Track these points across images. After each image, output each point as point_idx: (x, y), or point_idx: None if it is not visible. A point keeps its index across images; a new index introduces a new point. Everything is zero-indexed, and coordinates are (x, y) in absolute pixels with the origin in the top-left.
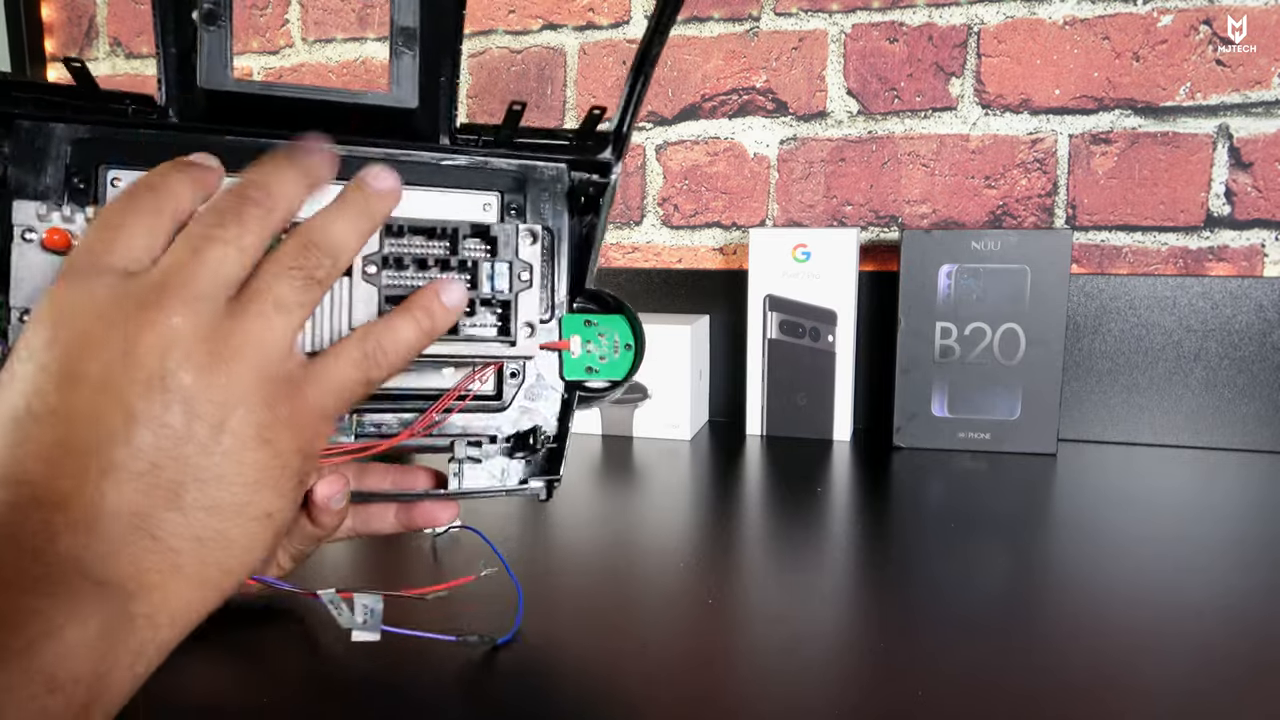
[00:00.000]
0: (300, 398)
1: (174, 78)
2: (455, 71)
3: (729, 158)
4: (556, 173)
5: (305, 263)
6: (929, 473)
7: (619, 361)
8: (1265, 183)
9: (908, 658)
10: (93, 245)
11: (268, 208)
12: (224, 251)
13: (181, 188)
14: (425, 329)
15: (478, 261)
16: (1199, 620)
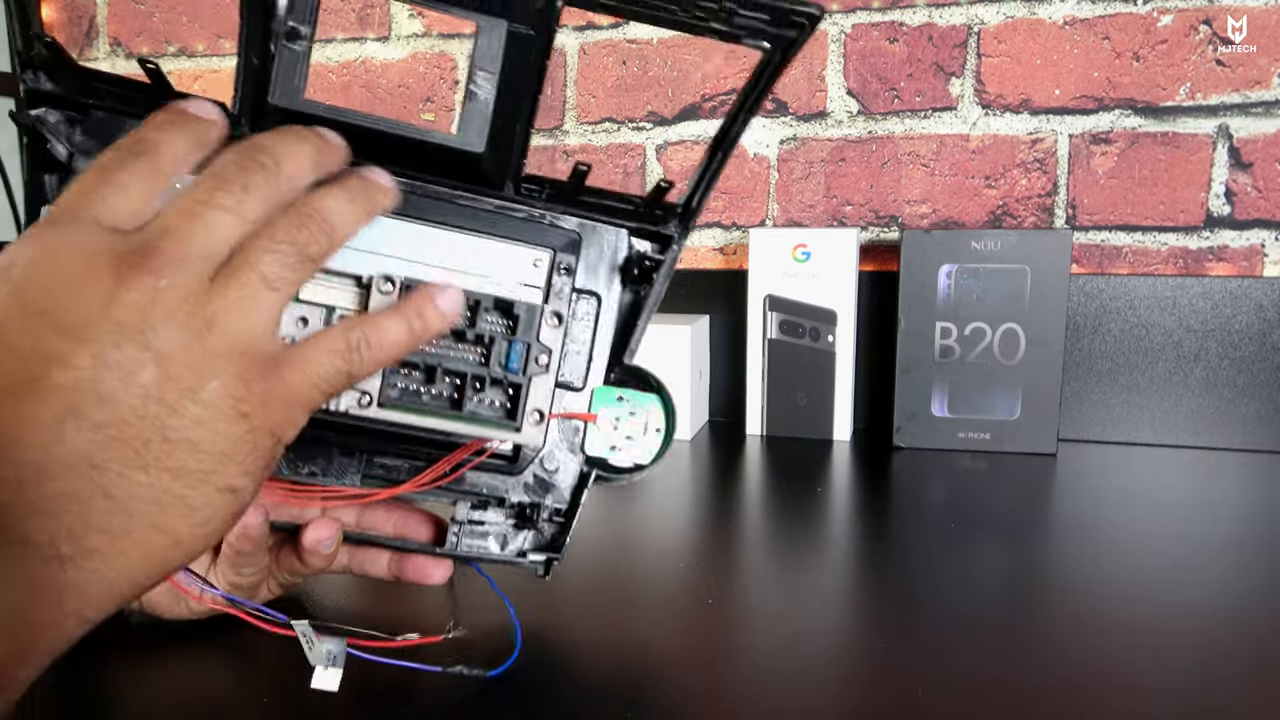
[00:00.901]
0: (278, 378)
1: (250, 89)
2: (530, 121)
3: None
4: (615, 238)
5: (299, 237)
6: (929, 473)
7: (645, 444)
8: (1265, 183)
9: (908, 657)
10: (81, 195)
11: (274, 176)
12: (221, 218)
13: (180, 144)
14: (415, 330)
15: (494, 337)
16: (1199, 620)
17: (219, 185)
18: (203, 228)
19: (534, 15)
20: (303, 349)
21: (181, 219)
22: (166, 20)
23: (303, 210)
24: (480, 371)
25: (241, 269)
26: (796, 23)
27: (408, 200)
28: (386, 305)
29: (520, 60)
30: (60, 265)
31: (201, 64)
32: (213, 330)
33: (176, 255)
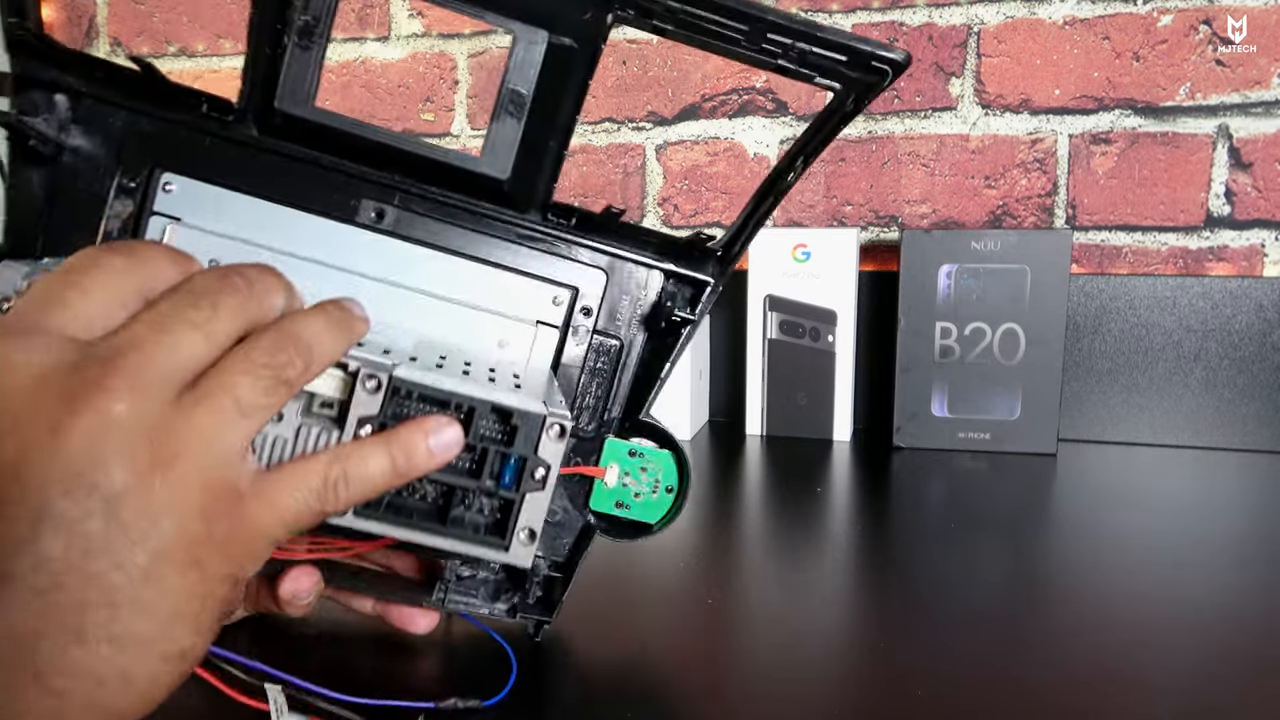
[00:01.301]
0: (241, 515)
1: (259, 84)
2: (565, 143)
3: (729, 158)
4: (646, 279)
5: (276, 360)
6: (929, 473)
7: (655, 504)
8: (1265, 183)
9: (908, 657)
10: (42, 300)
11: (246, 298)
12: (190, 336)
13: (161, 262)
14: (400, 469)
15: (488, 450)
16: (1199, 619)
17: (190, 301)
18: (170, 345)
19: (579, 26)
20: (274, 482)
21: (148, 332)
22: (166, 20)
23: (281, 332)
24: (470, 485)
25: (214, 392)
26: (877, 69)
27: (426, 224)
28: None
29: (559, 76)
30: (7, 388)
31: (201, 64)
32: (175, 463)
33: (139, 374)
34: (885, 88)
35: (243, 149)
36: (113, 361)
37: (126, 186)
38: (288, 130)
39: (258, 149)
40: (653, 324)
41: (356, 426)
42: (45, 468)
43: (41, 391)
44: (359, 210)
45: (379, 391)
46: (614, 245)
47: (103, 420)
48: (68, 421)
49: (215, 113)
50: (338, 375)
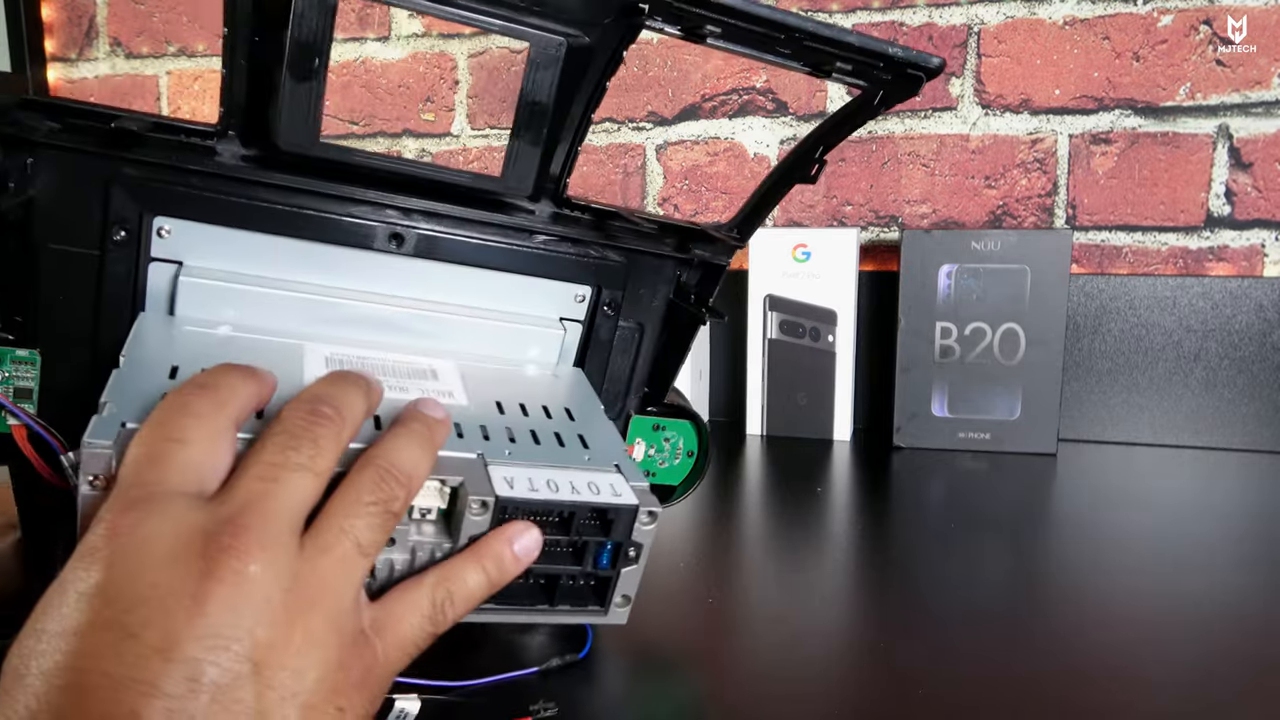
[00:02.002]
0: (372, 656)
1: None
2: (579, 141)
3: (729, 158)
4: (662, 267)
5: (382, 495)
6: (929, 473)
7: (678, 468)
8: (1265, 183)
9: (908, 657)
10: (147, 461)
11: (339, 426)
12: (299, 479)
13: (243, 387)
14: (493, 579)
15: (587, 543)
16: (1199, 619)
17: (290, 443)
18: (284, 493)
19: (600, 31)
20: (393, 615)
21: (261, 484)
22: (166, 20)
23: (380, 465)
24: (573, 571)
25: (335, 539)
26: (912, 75)
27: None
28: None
29: (576, 79)
30: (138, 571)
31: (202, 64)
32: (311, 616)
33: (264, 530)
34: (917, 92)
35: (239, 185)
36: (237, 521)
37: (117, 240)
38: (293, 166)
39: (257, 184)
40: (671, 309)
41: (468, 544)
42: (193, 638)
43: (178, 560)
44: (375, 237)
45: (486, 512)
46: (630, 237)
47: (240, 583)
48: (207, 589)
49: (196, 138)
50: (436, 486)
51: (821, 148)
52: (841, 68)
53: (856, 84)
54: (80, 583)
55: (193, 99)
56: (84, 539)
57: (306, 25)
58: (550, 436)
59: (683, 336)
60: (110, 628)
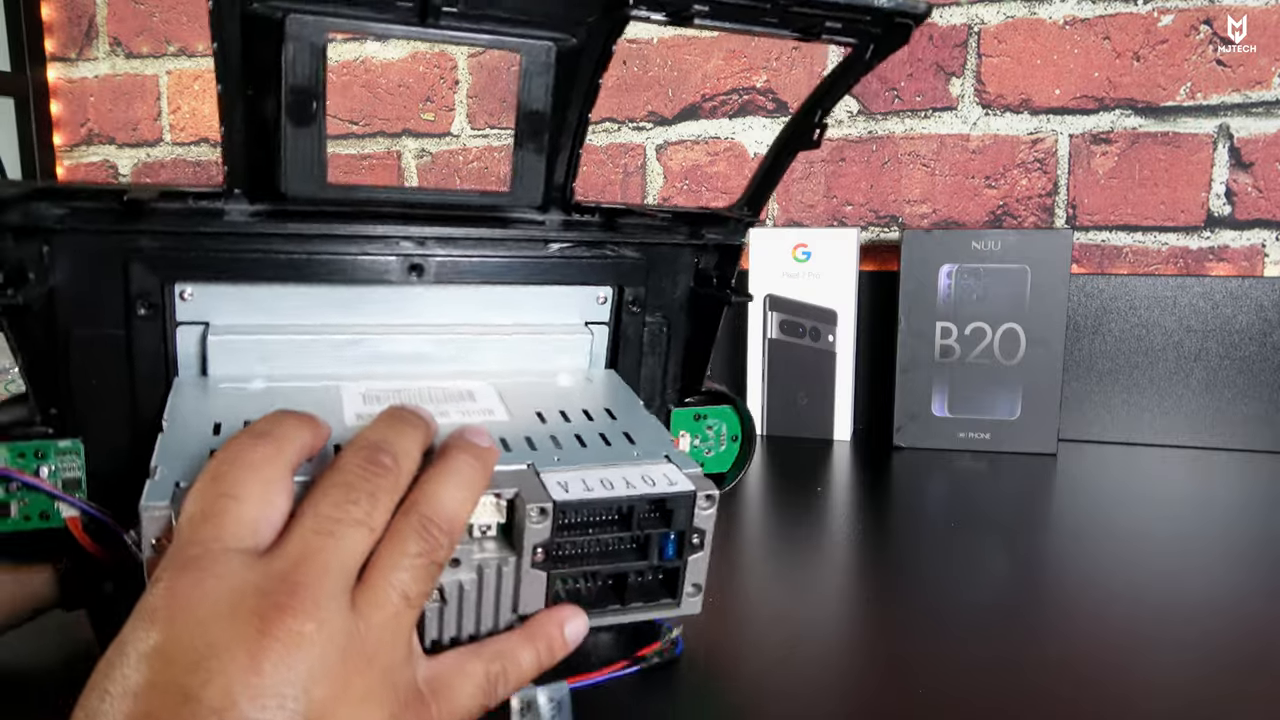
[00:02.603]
0: (428, 715)
1: (240, 168)
2: (579, 143)
3: (729, 158)
4: (679, 256)
5: (427, 546)
6: (929, 473)
7: (725, 454)
8: (1266, 183)
9: (908, 657)
10: (202, 518)
11: (396, 476)
12: (356, 535)
13: (297, 434)
14: (544, 661)
15: (650, 537)
16: (1199, 619)
17: (348, 496)
18: (340, 548)
19: (587, 30)
20: (448, 676)
21: (318, 540)
22: (166, 20)
23: (424, 514)
24: (641, 566)
25: (383, 592)
26: (901, 25)
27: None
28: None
29: (570, 80)
30: (194, 630)
31: (201, 64)
32: (367, 672)
33: (319, 588)
34: (908, 40)
35: (252, 240)
36: (292, 578)
37: (141, 316)
38: (303, 213)
39: (270, 235)
40: (694, 296)
41: (533, 553)
42: (250, 698)
43: (235, 620)
44: (394, 271)
45: (546, 517)
46: (643, 232)
47: (296, 642)
48: (263, 648)
49: (204, 201)
50: (493, 501)
51: (820, 111)
52: (830, 27)
53: (847, 41)
54: (140, 643)
55: (193, 99)
56: (143, 599)
57: (299, 71)
58: (595, 438)
59: (709, 322)
60: (170, 689)
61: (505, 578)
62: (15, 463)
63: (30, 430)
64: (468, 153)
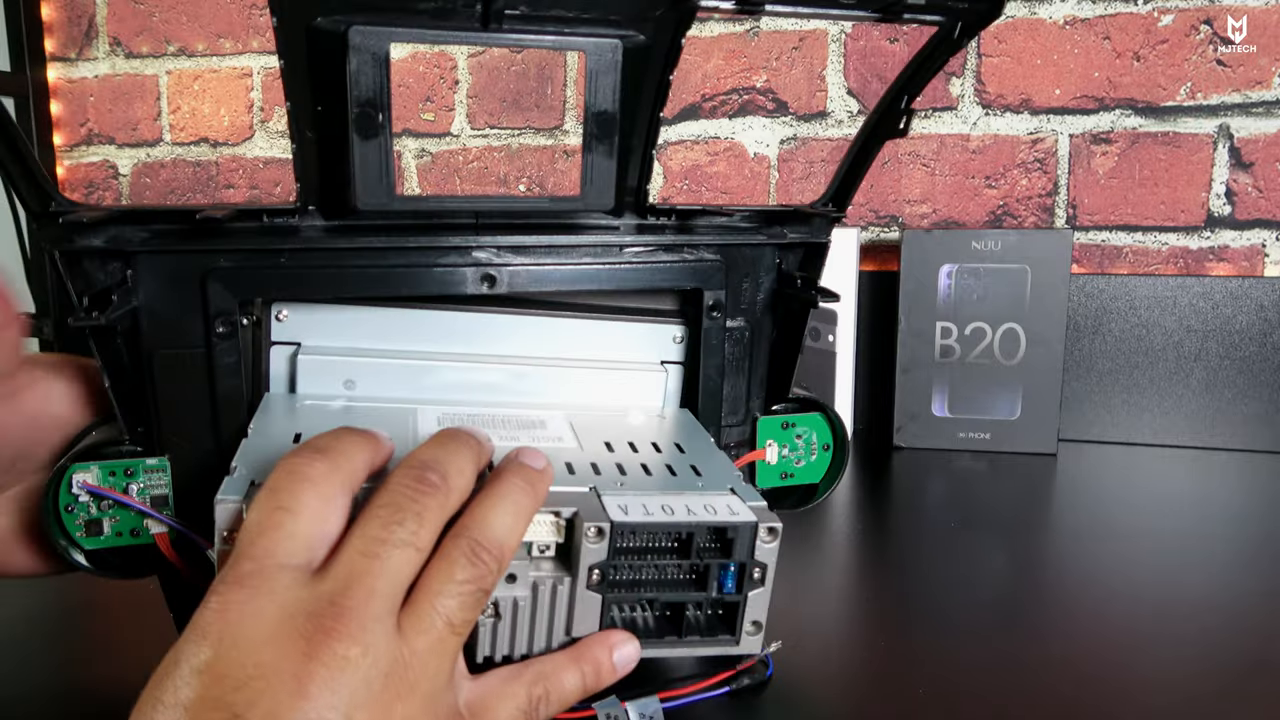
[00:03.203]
0: None
1: (312, 183)
2: (651, 144)
3: (729, 158)
4: (759, 255)
5: (475, 573)
6: (929, 473)
7: (817, 464)
8: (1266, 183)
9: (908, 656)
10: (257, 532)
11: (444, 495)
12: (403, 555)
13: (357, 451)
14: (589, 685)
15: (710, 566)
16: (1199, 619)
17: (394, 517)
18: (386, 570)
19: (652, 23)
20: (488, 701)
21: (365, 562)
22: (166, 20)
23: (473, 539)
24: (699, 598)
25: (429, 618)
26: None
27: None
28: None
29: (637, 77)
30: (243, 648)
31: (201, 64)
32: (410, 697)
33: (366, 611)
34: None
35: (325, 255)
36: (339, 602)
37: (223, 334)
38: (375, 227)
39: (342, 250)
40: (778, 299)
41: (589, 574)
42: (294, 717)
43: (280, 639)
44: (467, 282)
45: (603, 538)
46: (721, 232)
47: (341, 666)
48: (309, 670)
49: (279, 218)
50: (551, 520)
51: (906, 97)
52: (912, 4)
53: (932, 21)
54: (193, 658)
55: (193, 99)
56: (198, 613)
57: (364, 83)
58: (661, 468)
59: (795, 325)
60: (218, 707)
61: (560, 597)
62: (107, 481)
63: (120, 449)
64: (468, 153)
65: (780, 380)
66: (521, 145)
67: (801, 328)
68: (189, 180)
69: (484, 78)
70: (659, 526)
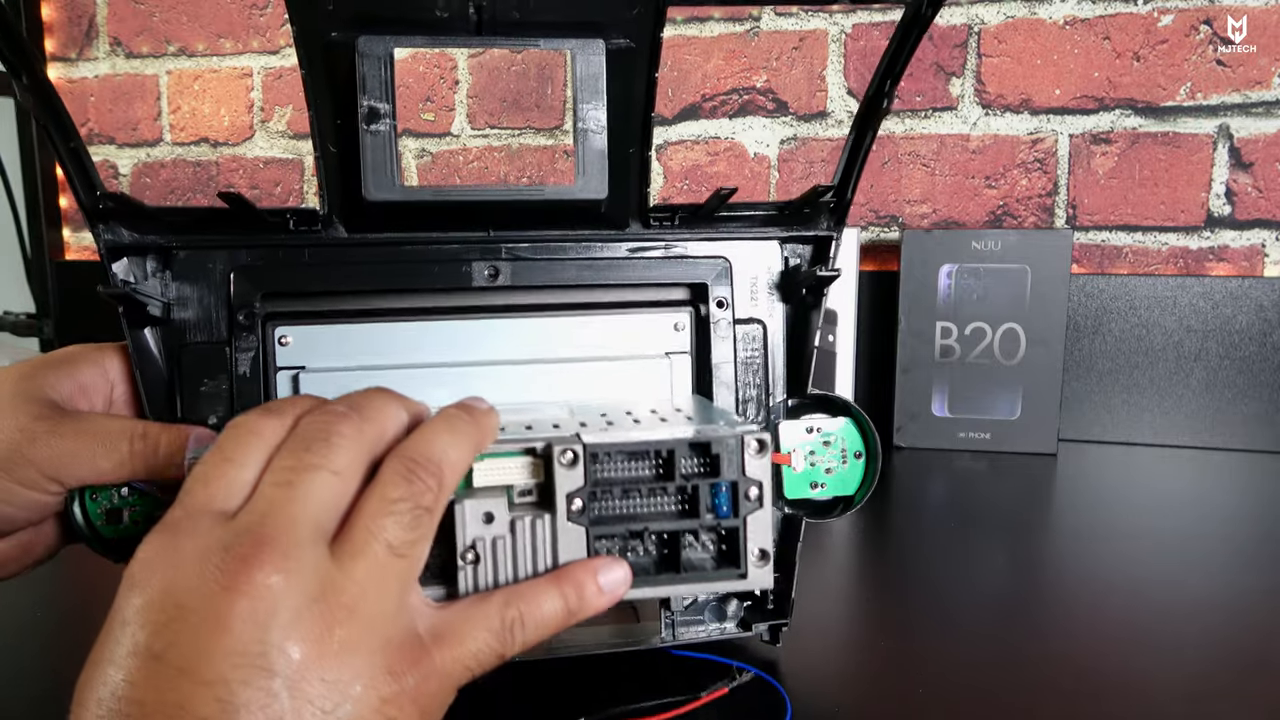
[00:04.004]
0: (429, 662)
1: (336, 186)
2: (647, 143)
3: (729, 157)
4: (766, 252)
5: (411, 490)
6: (929, 473)
7: (849, 474)
8: (1265, 183)
9: (908, 656)
10: (202, 483)
11: (357, 423)
12: (317, 479)
13: (308, 406)
14: (572, 608)
15: (697, 488)
16: (1199, 619)
17: (303, 445)
18: (302, 496)
19: (632, 25)
20: (455, 624)
21: (279, 491)
22: (166, 20)
23: (406, 457)
24: (691, 525)
25: (364, 543)
26: None
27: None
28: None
29: (625, 79)
30: (164, 591)
31: (201, 64)
32: (348, 621)
33: (284, 539)
34: None
35: (340, 251)
36: (256, 531)
37: (241, 323)
38: (380, 219)
39: (354, 246)
40: (787, 294)
41: (568, 503)
42: (220, 656)
43: (201, 579)
44: (473, 276)
45: (578, 463)
46: (725, 229)
47: (263, 597)
48: (228, 603)
49: (304, 225)
50: (526, 461)
51: (889, 81)
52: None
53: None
54: (119, 611)
55: (193, 99)
56: (127, 567)
57: (371, 82)
58: (653, 419)
59: (805, 319)
60: (141, 654)
61: (541, 535)
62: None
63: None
64: (468, 153)
65: (795, 378)
66: (521, 145)
67: (813, 323)
68: (189, 180)
69: (484, 78)
70: (634, 445)
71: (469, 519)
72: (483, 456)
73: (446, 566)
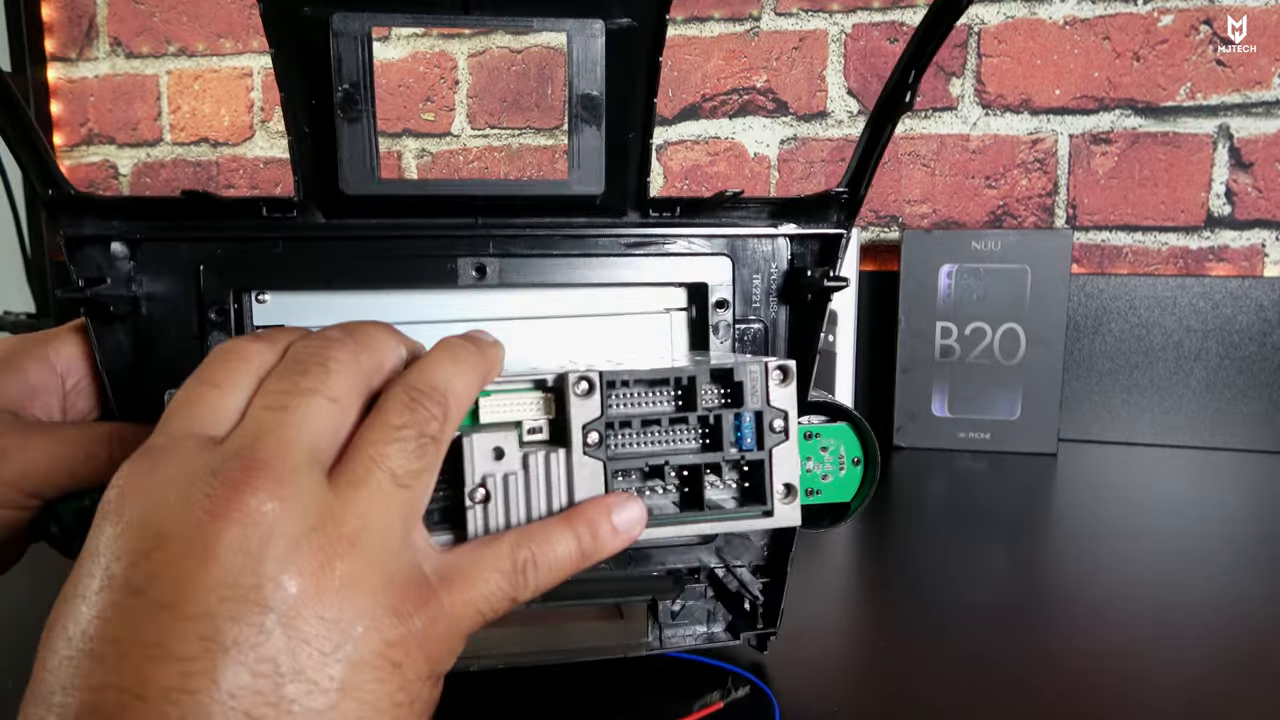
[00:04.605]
0: (436, 605)
1: (311, 171)
2: (648, 134)
3: (729, 158)
4: (772, 249)
5: (414, 418)
6: (929, 473)
7: (846, 481)
8: (1265, 183)
9: (907, 657)
10: (182, 408)
11: (355, 349)
12: (312, 404)
13: (296, 333)
14: (586, 550)
15: (720, 419)
16: (1199, 619)
17: (298, 370)
18: (296, 420)
19: (634, 1)
20: (464, 565)
21: (272, 415)
22: (166, 20)
23: (409, 384)
24: (714, 458)
25: (365, 469)
26: None
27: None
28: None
29: (626, 62)
30: (151, 517)
31: (201, 64)
32: (350, 554)
33: (279, 463)
34: None
35: (318, 244)
36: (247, 455)
37: (213, 320)
38: (359, 209)
39: (333, 238)
40: (792, 295)
41: (583, 435)
42: (205, 589)
43: (186, 505)
44: (458, 273)
45: (593, 392)
46: (727, 225)
47: (255, 523)
48: (216, 531)
49: (278, 213)
50: (538, 396)
51: (914, 72)
52: None
53: None
54: (94, 541)
55: (193, 99)
56: (102, 497)
57: (347, 65)
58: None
59: (812, 322)
60: (116, 587)
61: (555, 470)
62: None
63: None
64: (468, 153)
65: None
66: (521, 145)
67: (818, 325)
68: (189, 180)
69: (484, 78)
70: (652, 374)
71: (478, 454)
72: (489, 391)
73: (451, 511)
